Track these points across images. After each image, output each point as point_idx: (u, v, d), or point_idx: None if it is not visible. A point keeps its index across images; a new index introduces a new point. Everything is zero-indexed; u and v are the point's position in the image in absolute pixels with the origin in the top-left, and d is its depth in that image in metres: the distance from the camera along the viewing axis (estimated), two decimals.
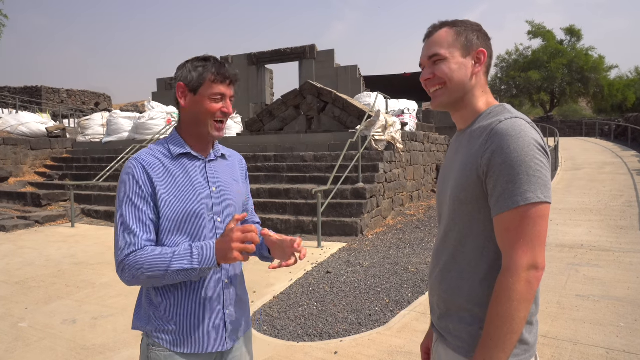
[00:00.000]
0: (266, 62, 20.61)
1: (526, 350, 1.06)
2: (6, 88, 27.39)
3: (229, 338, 1.34)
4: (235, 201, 1.41)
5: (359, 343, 3.17)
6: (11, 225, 7.77)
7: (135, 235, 1.22)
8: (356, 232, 6.75)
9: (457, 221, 1.12)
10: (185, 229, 1.28)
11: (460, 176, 1.09)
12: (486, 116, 1.12)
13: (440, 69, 1.14)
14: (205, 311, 1.30)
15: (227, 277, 1.35)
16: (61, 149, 12.86)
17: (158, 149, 1.33)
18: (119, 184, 1.28)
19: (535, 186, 0.99)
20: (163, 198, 1.26)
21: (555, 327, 3.27)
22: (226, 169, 1.43)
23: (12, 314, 3.82)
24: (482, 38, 1.15)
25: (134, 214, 1.23)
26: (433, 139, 11.60)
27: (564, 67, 30.90)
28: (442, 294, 1.16)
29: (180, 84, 1.31)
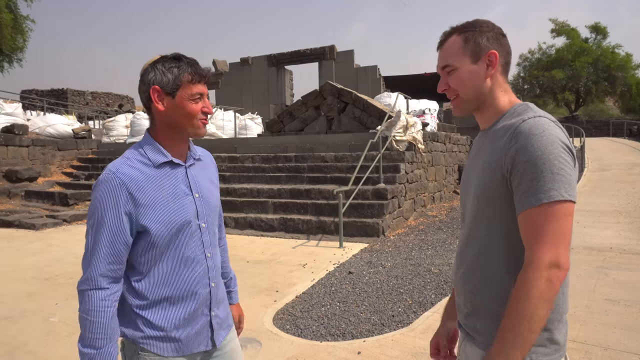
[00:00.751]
0: (286, 63, 20.71)
1: (556, 350, 1.05)
2: (34, 91, 28.22)
3: (216, 337, 1.35)
4: (216, 205, 1.40)
5: (382, 344, 3.16)
6: (40, 224, 8.00)
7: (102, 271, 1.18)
8: (377, 232, 6.72)
9: (482, 220, 1.12)
10: (173, 240, 1.25)
11: (484, 175, 1.09)
12: (509, 115, 1.12)
13: (453, 79, 1.15)
14: (193, 315, 1.29)
15: (214, 281, 1.35)
16: (87, 149, 13.17)
17: (136, 158, 1.24)
18: (95, 199, 1.19)
19: (559, 184, 0.98)
20: (148, 214, 1.20)
21: (584, 331, 3.19)
22: (203, 171, 1.39)
23: (43, 309, 3.93)
24: (493, 39, 1.13)
25: (109, 242, 1.18)
26: (455, 140, 11.47)
27: (590, 66, 30.18)
28: (467, 293, 1.15)
29: (156, 87, 1.22)
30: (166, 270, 1.26)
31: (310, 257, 5.67)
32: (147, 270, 1.25)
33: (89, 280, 1.17)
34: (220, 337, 1.37)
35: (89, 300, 1.17)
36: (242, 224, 7.59)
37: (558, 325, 1.06)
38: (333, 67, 19.39)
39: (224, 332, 1.40)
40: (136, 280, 1.25)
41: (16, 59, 19.10)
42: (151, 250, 1.24)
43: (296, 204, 7.63)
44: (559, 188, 0.97)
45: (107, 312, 1.18)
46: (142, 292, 1.25)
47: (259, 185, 8.48)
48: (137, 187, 1.19)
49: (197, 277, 1.29)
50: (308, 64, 20.66)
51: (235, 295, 1.64)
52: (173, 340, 1.26)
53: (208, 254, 1.33)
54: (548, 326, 1.04)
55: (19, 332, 3.43)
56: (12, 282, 4.75)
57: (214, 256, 1.36)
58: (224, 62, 22.14)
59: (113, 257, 1.19)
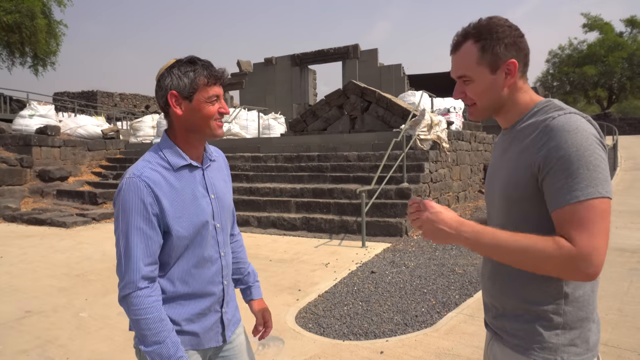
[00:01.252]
0: (309, 63, 20.75)
1: (588, 349, 1.03)
2: (65, 93, 29.17)
3: (226, 333, 1.38)
4: (230, 205, 1.44)
5: (405, 344, 3.12)
6: (71, 222, 8.26)
7: (143, 273, 1.19)
8: (400, 232, 6.66)
9: (509, 220, 1.10)
10: (194, 241, 1.29)
11: (512, 174, 1.07)
12: (535, 113, 1.08)
13: (470, 90, 1.12)
14: (206, 311, 1.33)
15: (227, 279, 1.39)
16: (115, 149, 13.52)
17: (156, 161, 1.27)
18: (122, 204, 1.20)
19: (595, 181, 0.95)
20: (171, 216, 1.23)
21: (617, 335, 3.08)
22: (218, 172, 1.42)
23: (74, 304, 4.06)
24: (511, 44, 1.07)
25: (142, 242, 1.20)
26: (480, 138, 11.26)
27: (624, 61, 29.11)
28: (495, 293, 1.14)
29: (173, 92, 1.24)
30: (184, 269, 1.29)
31: (333, 257, 5.66)
32: (167, 269, 1.28)
33: (130, 285, 1.18)
34: (229, 333, 1.40)
35: (137, 302, 1.18)
36: (265, 223, 7.65)
37: (588, 324, 1.04)
38: (357, 66, 19.32)
39: (233, 327, 1.43)
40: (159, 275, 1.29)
41: (50, 62, 19.76)
42: (172, 250, 1.27)
43: (319, 203, 7.64)
44: (596, 185, 0.94)
45: (156, 305, 1.20)
46: (163, 287, 1.28)
47: (282, 185, 8.52)
48: (160, 191, 1.22)
49: (212, 275, 1.33)
50: (331, 63, 20.65)
51: (257, 291, 1.60)
52: (187, 334, 1.29)
53: (222, 253, 1.37)
54: (577, 324, 1.02)
55: (50, 327, 3.55)
56: (44, 278, 4.91)
57: (227, 255, 1.40)
58: (248, 63, 22.35)
59: (149, 258, 1.21)
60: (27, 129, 12.49)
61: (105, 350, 3.11)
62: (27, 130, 12.42)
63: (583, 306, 1.03)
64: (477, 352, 2.92)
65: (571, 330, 1.02)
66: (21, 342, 3.26)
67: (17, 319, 3.72)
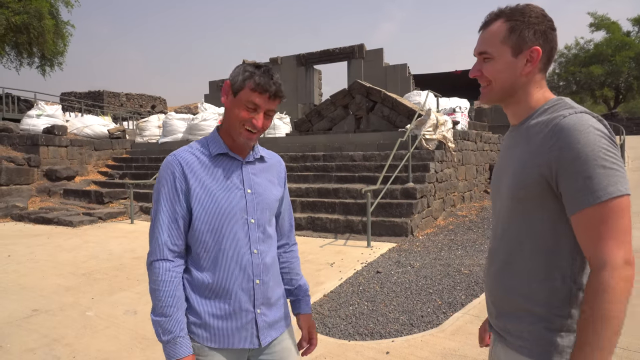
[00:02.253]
0: (315, 63, 20.75)
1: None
2: (72, 93, 29.35)
3: (261, 335, 1.34)
4: (271, 204, 1.40)
5: (411, 344, 3.11)
6: (77, 221, 8.30)
7: (165, 243, 1.27)
8: (406, 232, 6.64)
9: (515, 220, 1.08)
10: (216, 228, 1.29)
11: (519, 174, 1.05)
12: (544, 111, 1.07)
13: (487, 68, 1.10)
14: (234, 310, 1.30)
15: (259, 278, 1.34)
16: (121, 149, 13.59)
17: (198, 147, 1.34)
18: (158, 179, 1.32)
19: (614, 179, 0.93)
20: (196, 196, 1.28)
21: (626, 336, 3.05)
22: (264, 171, 1.41)
23: (80, 303, 4.08)
24: (541, 33, 1.06)
25: (168, 214, 1.28)
26: (486, 138, 11.21)
27: (631, 61, 28.84)
28: (499, 293, 1.13)
29: (227, 82, 1.32)
30: (210, 259, 1.30)
31: (338, 256, 5.65)
32: (195, 256, 1.32)
33: (154, 252, 1.27)
34: (267, 337, 1.36)
35: (156, 272, 1.26)
36: None
37: None
38: (362, 66, 19.29)
39: (274, 332, 1.38)
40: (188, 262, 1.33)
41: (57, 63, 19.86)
42: (197, 235, 1.30)
43: (324, 203, 7.63)
44: (615, 183, 0.93)
45: (172, 281, 1.26)
46: (190, 276, 1.31)
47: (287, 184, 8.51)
48: (190, 170, 1.28)
49: (239, 270, 1.31)
50: (337, 63, 20.64)
51: (305, 305, 1.55)
52: (211, 329, 1.29)
53: (254, 250, 1.34)
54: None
55: (57, 325, 3.57)
56: (51, 277, 4.94)
57: (262, 254, 1.35)
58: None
59: (173, 229, 1.28)
60: (34, 129, 12.58)
61: (112, 349, 3.13)
62: (34, 130, 12.51)
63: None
64: (483, 354, 2.91)
65: (575, 332, 1.00)
66: (28, 340, 3.28)
67: (24, 317, 3.74)
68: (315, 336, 1.55)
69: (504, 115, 14.63)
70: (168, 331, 1.22)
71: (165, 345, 1.23)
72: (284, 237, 1.55)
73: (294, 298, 1.56)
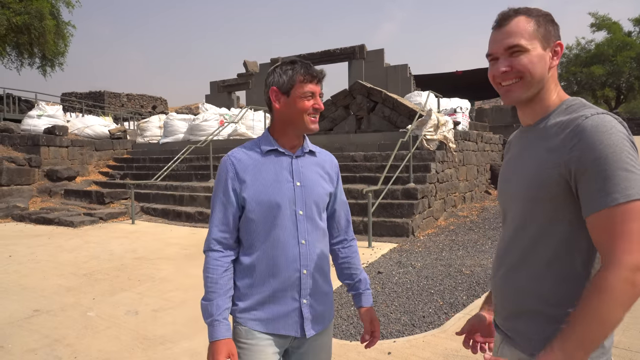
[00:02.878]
0: (316, 63, 20.71)
1: (603, 353, 1.01)
2: (73, 93, 29.37)
3: (307, 326, 1.41)
4: (320, 196, 1.46)
5: (412, 344, 3.11)
6: (78, 221, 8.30)
7: (215, 236, 1.41)
8: (407, 232, 6.64)
9: (531, 221, 1.07)
10: (267, 220, 1.39)
11: (536, 174, 1.04)
12: (563, 111, 1.06)
13: (521, 61, 1.06)
14: (279, 297, 1.39)
15: (306, 269, 1.41)
16: (122, 149, 13.59)
17: (250, 146, 1.46)
18: (216, 178, 1.45)
19: (633, 182, 0.92)
20: (248, 191, 1.38)
21: (628, 337, 3.05)
22: (313, 165, 1.49)
23: (81, 304, 4.07)
24: (557, 30, 1.09)
25: (220, 211, 1.41)
26: (487, 139, 11.21)
27: (632, 61, 28.80)
28: (509, 294, 1.12)
29: (274, 88, 1.40)
30: (260, 247, 1.39)
31: None
32: (246, 244, 1.42)
33: (207, 242, 1.42)
34: (311, 329, 1.42)
35: (207, 260, 1.40)
36: None
37: None
38: (363, 67, 19.28)
39: (318, 325, 1.44)
40: (239, 251, 1.44)
41: (58, 63, 19.86)
42: (249, 226, 1.40)
43: None
44: (634, 186, 0.92)
45: (218, 269, 1.38)
46: (241, 262, 1.42)
47: None
48: (243, 168, 1.40)
49: (286, 259, 1.39)
50: (338, 63, 20.63)
51: (367, 298, 1.59)
52: (259, 314, 1.39)
53: (302, 241, 1.41)
54: None
55: (58, 326, 3.57)
56: (52, 277, 4.94)
57: (310, 245, 1.42)
58: (254, 63, 22.39)
59: (224, 225, 1.40)
60: (35, 129, 12.59)
61: (113, 350, 3.12)
62: (35, 131, 12.52)
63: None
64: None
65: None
66: (30, 341, 3.28)
67: (26, 317, 3.74)
68: (378, 328, 1.58)
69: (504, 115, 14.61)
70: (209, 314, 1.35)
71: (208, 328, 1.35)
72: (341, 233, 1.61)
73: (355, 292, 1.60)
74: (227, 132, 12.51)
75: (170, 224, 8.46)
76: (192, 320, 3.59)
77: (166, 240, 6.93)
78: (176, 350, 3.12)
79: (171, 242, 6.84)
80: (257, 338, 1.38)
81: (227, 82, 22.43)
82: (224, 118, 12.78)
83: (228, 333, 1.34)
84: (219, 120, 12.68)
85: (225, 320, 1.35)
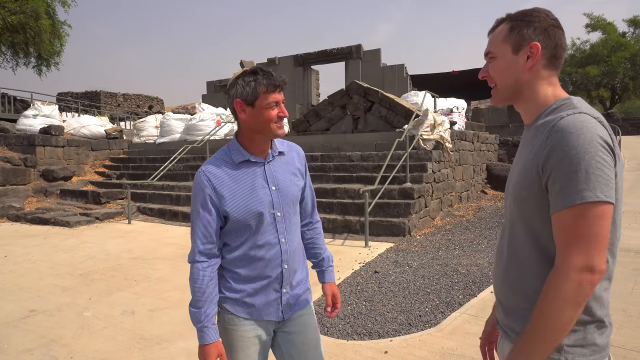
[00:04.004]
0: (312, 63, 20.75)
1: (595, 351, 1.02)
2: (69, 93, 29.24)
3: (284, 311, 1.56)
4: (294, 196, 1.57)
5: (409, 343, 3.12)
6: (74, 221, 8.28)
7: (200, 249, 1.47)
8: (404, 232, 6.65)
9: (518, 220, 1.09)
10: (249, 225, 1.47)
11: (522, 173, 1.07)
12: (552, 111, 1.08)
13: (493, 67, 1.15)
14: (264, 289, 1.52)
15: (287, 264, 1.54)
16: (118, 149, 13.55)
17: (222, 158, 1.50)
18: (192, 193, 1.50)
19: (594, 184, 0.93)
20: (228, 202, 1.45)
21: (622, 335, 3.07)
22: (284, 165, 1.57)
23: (78, 304, 4.06)
24: (541, 30, 1.09)
25: (201, 225, 1.46)
26: (483, 138, 11.24)
27: (627, 61, 28.96)
28: (505, 292, 1.15)
29: (238, 100, 1.45)
30: (245, 250, 1.49)
31: (336, 256, 5.65)
32: (232, 247, 1.51)
33: (192, 254, 1.48)
34: (289, 312, 1.57)
35: (192, 271, 1.47)
36: None
37: (593, 326, 1.02)
38: (359, 67, 19.29)
39: (295, 308, 1.59)
40: (226, 252, 1.52)
41: (53, 63, 19.77)
42: (234, 232, 1.49)
43: (322, 203, 7.63)
44: (594, 189, 0.93)
45: (204, 279, 1.45)
46: (228, 263, 1.52)
47: None
48: (219, 183, 1.45)
49: (270, 258, 1.50)
50: (334, 63, 20.63)
51: (329, 275, 1.76)
52: (246, 304, 1.51)
53: (282, 240, 1.52)
54: (581, 326, 1.01)
55: (55, 326, 3.56)
56: (48, 278, 4.93)
57: (289, 242, 1.54)
58: (251, 63, 22.38)
59: (206, 238, 1.46)
60: (30, 129, 12.54)
61: (109, 350, 3.12)
62: (31, 130, 12.46)
63: (587, 309, 1.01)
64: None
65: (575, 331, 1.01)
66: (25, 341, 3.27)
67: (22, 318, 3.73)
68: (339, 301, 1.75)
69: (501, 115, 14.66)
70: (198, 320, 1.44)
71: (198, 333, 1.45)
72: (307, 217, 1.72)
73: (319, 269, 1.76)
74: (224, 131, 12.49)
75: (167, 224, 8.45)
76: (188, 320, 3.58)
77: (163, 240, 6.92)
78: (173, 349, 3.12)
79: (168, 242, 6.83)
80: (242, 324, 1.51)
81: (224, 82, 22.40)
82: (220, 118, 12.77)
83: (216, 336, 1.45)
84: (215, 120, 12.66)
85: (213, 326, 1.45)
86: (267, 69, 1.46)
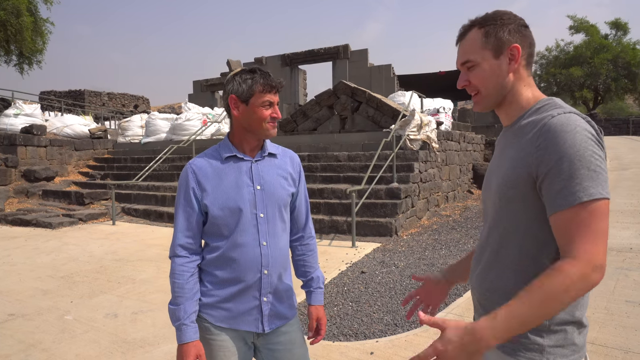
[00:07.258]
0: (300, 63, 20.71)
1: (574, 351, 1.02)
2: (52, 92, 28.75)
3: (265, 322, 1.48)
4: (281, 198, 1.51)
5: (395, 344, 3.11)
6: (57, 223, 8.12)
7: (180, 242, 1.45)
8: (390, 232, 6.66)
9: (502, 219, 1.09)
10: (229, 223, 1.44)
11: (509, 173, 1.05)
12: (535, 111, 1.07)
13: (475, 75, 1.12)
14: (241, 296, 1.45)
15: (267, 269, 1.46)
16: (103, 149, 13.35)
17: (211, 153, 1.49)
18: (178, 185, 1.49)
19: (596, 182, 0.93)
20: (210, 197, 1.43)
21: (604, 333, 3.10)
22: (273, 167, 1.52)
23: (59, 307, 3.98)
24: (515, 31, 1.09)
25: (184, 217, 1.45)
26: (469, 138, 11.33)
27: (609, 63, 29.50)
28: (484, 292, 1.13)
29: (232, 96, 1.44)
30: (224, 250, 1.44)
31: (323, 257, 5.64)
32: (212, 247, 1.47)
33: (173, 248, 1.45)
34: (271, 325, 1.49)
35: (173, 267, 1.44)
36: None
37: (574, 326, 1.03)
38: (347, 67, 19.31)
39: (278, 321, 1.51)
40: (206, 253, 1.48)
41: (35, 61, 19.40)
42: (213, 229, 1.45)
43: (309, 203, 7.60)
44: (597, 186, 0.93)
45: (184, 275, 1.43)
46: (207, 264, 1.47)
47: None
48: (203, 175, 1.44)
49: (248, 260, 1.44)
50: (322, 63, 20.62)
51: (316, 297, 1.64)
52: (223, 311, 1.45)
53: (264, 243, 1.46)
54: (562, 327, 1.02)
55: (34, 330, 3.48)
56: (28, 281, 4.82)
57: (271, 246, 1.47)
58: (237, 62, 22.24)
59: (188, 231, 1.45)
60: (12, 128, 12.28)
61: (91, 354, 3.05)
62: (12, 130, 12.21)
63: (569, 309, 1.01)
64: None
65: (556, 332, 1.01)
66: (3, 346, 3.19)
67: (0, 322, 3.64)
68: (324, 327, 1.64)
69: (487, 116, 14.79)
70: (177, 318, 1.40)
71: (176, 331, 1.40)
72: (299, 230, 1.64)
73: (307, 289, 1.66)
74: (210, 131, 12.39)
75: (152, 224, 8.34)
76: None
77: (147, 242, 6.83)
78: (156, 353, 3.07)
79: (152, 243, 6.74)
80: (217, 333, 1.45)
81: (211, 81, 22.23)
82: (207, 117, 12.66)
83: (196, 335, 1.40)
84: (202, 119, 12.55)
85: (192, 324, 1.40)
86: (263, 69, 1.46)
